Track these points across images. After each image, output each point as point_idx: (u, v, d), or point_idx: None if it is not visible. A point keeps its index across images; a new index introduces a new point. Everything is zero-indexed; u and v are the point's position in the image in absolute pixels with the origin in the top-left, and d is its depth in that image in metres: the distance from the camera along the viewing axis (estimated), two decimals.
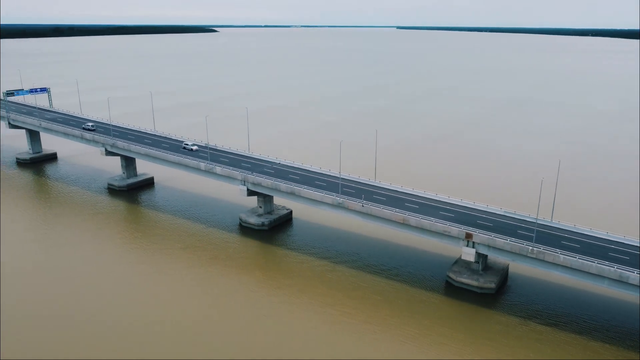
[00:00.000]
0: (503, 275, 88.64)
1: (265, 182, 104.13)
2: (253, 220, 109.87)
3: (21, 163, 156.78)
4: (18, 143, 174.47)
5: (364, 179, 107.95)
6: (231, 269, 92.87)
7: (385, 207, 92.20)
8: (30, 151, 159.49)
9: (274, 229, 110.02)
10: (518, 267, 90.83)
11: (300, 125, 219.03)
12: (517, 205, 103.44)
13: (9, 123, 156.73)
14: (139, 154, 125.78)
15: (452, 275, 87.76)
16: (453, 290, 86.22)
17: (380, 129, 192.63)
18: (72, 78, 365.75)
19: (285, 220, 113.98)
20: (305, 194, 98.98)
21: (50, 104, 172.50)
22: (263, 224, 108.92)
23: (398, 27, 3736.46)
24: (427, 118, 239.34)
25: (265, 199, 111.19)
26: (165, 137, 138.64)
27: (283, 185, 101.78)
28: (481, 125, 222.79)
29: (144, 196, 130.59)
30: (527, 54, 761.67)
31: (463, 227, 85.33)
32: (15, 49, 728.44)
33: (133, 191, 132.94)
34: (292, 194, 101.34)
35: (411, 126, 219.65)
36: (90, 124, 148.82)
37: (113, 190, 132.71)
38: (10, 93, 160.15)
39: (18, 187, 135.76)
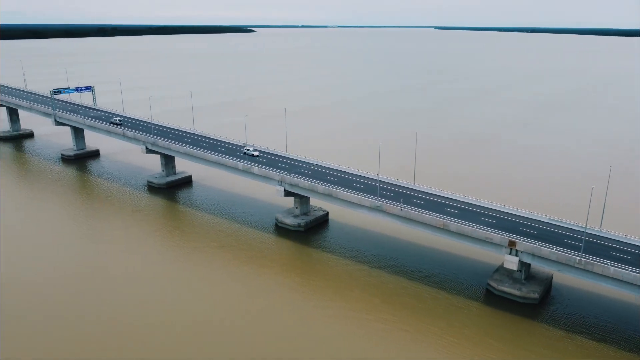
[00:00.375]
0: (547, 285, 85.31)
1: (303, 183, 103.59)
2: (289, 221, 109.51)
3: (65, 159, 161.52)
4: (63, 140, 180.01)
5: (402, 181, 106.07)
6: (267, 269, 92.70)
7: (425, 211, 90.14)
8: (75, 148, 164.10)
9: (309, 230, 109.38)
10: (563, 277, 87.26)
11: (337, 125, 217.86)
12: (563, 213, 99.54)
13: (55, 120, 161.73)
14: (178, 152, 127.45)
15: (492, 283, 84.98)
16: (493, 299, 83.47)
17: (420, 130, 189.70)
18: (116, 77, 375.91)
19: (322, 222, 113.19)
20: (342, 196, 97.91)
21: (95, 102, 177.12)
22: (299, 225, 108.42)
23: (436, 28, 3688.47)
24: (469, 119, 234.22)
25: (302, 199, 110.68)
26: (204, 137, 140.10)
27: (320, 186, 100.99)
28: (526, 128, 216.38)
29: (182, 194, 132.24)
30: (576, 55, 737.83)
31: (506, 234, 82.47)
32: (62, 48, 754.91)
33: (172, 189, 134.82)
34: (329, 196, 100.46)
35: (452, 128, 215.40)
36: (117, 118, 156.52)
37: (152, 188, 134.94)
38: (57, 91, 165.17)
39: (62, 182, 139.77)
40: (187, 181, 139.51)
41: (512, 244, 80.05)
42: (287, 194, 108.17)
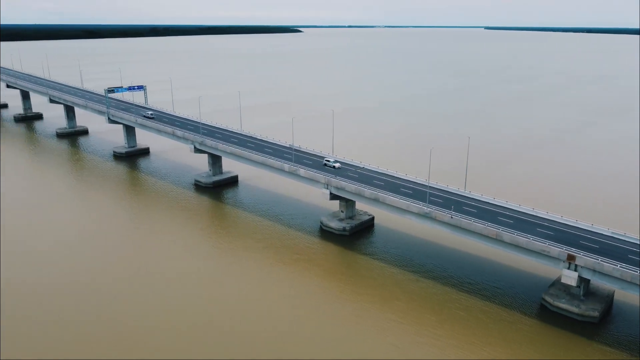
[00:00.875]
0: (608, 303, 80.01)
1: (349, 186, 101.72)
2: (334, 224, 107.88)
3: (117, 156, 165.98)
4: (116, 137, 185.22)
5: (452, 187, 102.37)
6: (312, 272, 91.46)
7: (477, 220, 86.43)
8: (126, 145, 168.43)
9: (354, 235, 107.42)
10: (626, 295, 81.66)
11: (385, 127, 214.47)
12: (627, 226, 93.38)
13: (109, 118, 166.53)
14: (225, 152, 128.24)
15: (548, 298, 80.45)
16: (549, 316, 78.97)
17: (472, 133, 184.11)
18: (167, 75, 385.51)
19: (367, 226, 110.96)
20: (390, 201, 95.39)
21: (146, 101, 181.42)
22: (344, 229, 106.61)
23: (486, 28, 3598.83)
24: (523, 123, 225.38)
25: (348, 203, 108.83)
26: (251, 137, 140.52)
27: (367, 191, 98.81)
28: (586, 133, 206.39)
29: (228, 194, 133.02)
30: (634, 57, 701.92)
31: (564, 247, 77.82)
32: (117, 48, 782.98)
33: (218, 188, 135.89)
34: (376, 201, 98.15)
35: (505, 131, 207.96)
36: (150, 112, 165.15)
37: (199, 187, 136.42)
38: (111, 90, 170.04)
39: (114, 179, 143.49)
40: (233, 181, 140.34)
41: (571, 258, 75.42)
42: (333, 197, 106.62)
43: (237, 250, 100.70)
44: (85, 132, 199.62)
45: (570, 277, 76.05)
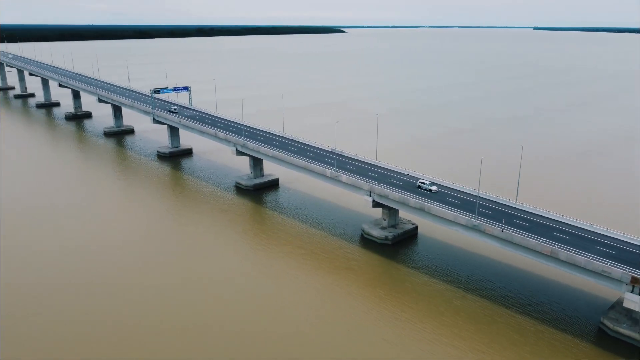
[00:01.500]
0: None
1: (393, 195, 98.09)
2: (376, 232, 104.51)
3: (161, 156, 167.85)
4: (160, 137, 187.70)
5: (503, 199, 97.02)
6: (352, 282, 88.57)
7: (529, 235, 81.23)
8: (170, 145, 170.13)
9: (397, 244, 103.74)
10: None
11: (431, 132, 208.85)
12: None
13: (154, 118, 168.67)
14: (267, 155, 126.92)
15: (607, 322, 74.59)
16: (607, 341, 73.21)
17: (524, 140, 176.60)
18: (212, 75, 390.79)
19: (410, 236, 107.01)
20: (436, 211, 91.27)
21: (190, 102, 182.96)
22: (386, 238, 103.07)
23: (535, 28, 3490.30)
24: (581, 129, 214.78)
25: (391, 211, 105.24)
26: (293, 140, 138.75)
27: (412, 200, 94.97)
28: None
29: (269, 197, 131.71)
30: None
31: (627, 268, 71.83)
32: (165, 47, 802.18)
33: (259, 191, 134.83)
34: (421, 210, 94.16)
35: (560, 138, 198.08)
36: (174, 107, 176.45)
37: (240, 189, 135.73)
38: (156, 91, 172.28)
39: (157, 179, 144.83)
40: (274, 184, 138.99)
41: (635, 281, 69.47)
42: (376, 204, 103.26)
43: (277, 256, 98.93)
44: (131, 131, 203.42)
45: (633, 302, 70.09)
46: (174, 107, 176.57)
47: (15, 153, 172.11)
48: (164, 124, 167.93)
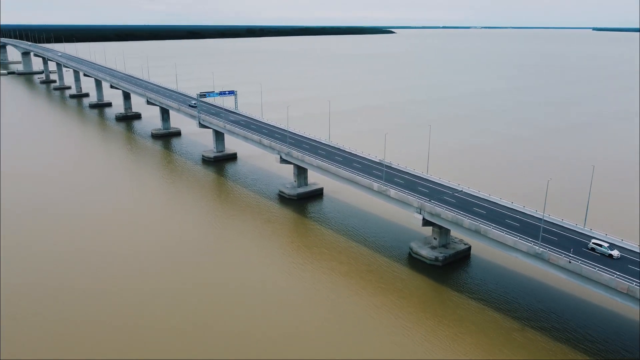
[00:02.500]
0: None
1: (446, 214, 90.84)
2: (425, 252, 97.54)
3: (206, 161, 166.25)
4: (206, 140, 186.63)
5: (569, 222, 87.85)
6: (399, 307, 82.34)
7: (602, 267, 72.34)
8: (215, 150, 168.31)
9: (448, 265, 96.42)
10: None
11: (487, 140, 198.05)
12: None
13: (199, 123, 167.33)
14: (311, 165, 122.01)
15: None
16: None
17: (595, 156, 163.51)
18: (260, 76, 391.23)
19: (463, 257, 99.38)
20: (493, 235, 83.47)
21: (236, 106, 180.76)
22: (436, 259, 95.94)
23: (594, 29, 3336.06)
24: None
25: (442, 230, 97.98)
26: (339, 149, 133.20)
27: (466, 220, 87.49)
28: None
29: (313, 207, 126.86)
30: None
31: None
32: (216, 48, 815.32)
33: (302, 201, 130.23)
34: (476, 232, 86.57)
35: (631, 154, 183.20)
36: (193, 102, 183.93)
37: (283, 198, 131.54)
38: (202, 95, 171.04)
39: (201, 185, 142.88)
40: (318, 194, 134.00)
41: None
42: (426, 223, 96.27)
43: (320, 272, 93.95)
44: (178, 133, 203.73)
45: None
46: (193, 102, 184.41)
47: (67, 153, 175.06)
48: (210, 128, 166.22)
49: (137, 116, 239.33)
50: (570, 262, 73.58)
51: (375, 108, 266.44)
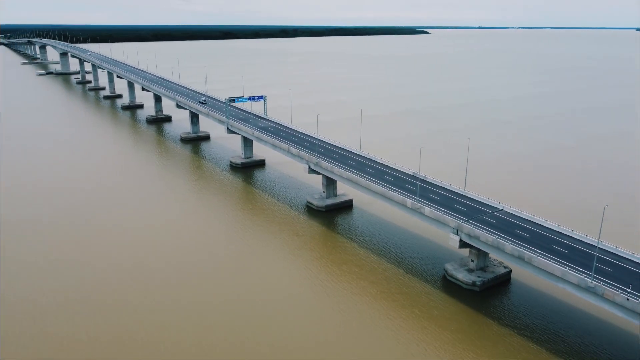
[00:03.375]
0: None
1: (485, 237, 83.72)
2: (461, 276, 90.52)
3: (234, 167, 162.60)
4: (235, 144, 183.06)
5: (625, 251, 79.40)
6: (434, 337, 76.16)
7: None
8: (243, 156, 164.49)
9: (486, 290, 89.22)
10: None
11: (530, 148, 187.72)
12: None
13: (228, 128, 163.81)
14: (341, 177, 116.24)
15: None
16: None
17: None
18: (291, 79, 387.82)
19: (503, 281, 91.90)
20: (539, 263, 75.97)
21: (265, 112, 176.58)
22: (474, 284, 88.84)
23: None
24: None
25: (480, 252, 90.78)
26: (371, 160, 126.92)
27: (509, 245, 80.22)
28: None
29: (342, 220, 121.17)
30: None
31: None
32: (251, 48, 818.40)
33: (330, 212, 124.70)
34: (519, 259, 79.20)
35: None
36: (203, 98, 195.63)
37: (311, 210, 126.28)
38: (231, 100, 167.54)
39: (229, 192, 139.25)
40: (347, 205, 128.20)
41: None
42: (463, 244, 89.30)
43: (349, 292, 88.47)
44: (207, 137, 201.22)
45: None
46: (203, 99, 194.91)
47: (98, 156, 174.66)
48: (238, 134, 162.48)
49: (168, 119, 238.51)
50: (628, 299, 65.64)
51: (410, 112, 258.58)
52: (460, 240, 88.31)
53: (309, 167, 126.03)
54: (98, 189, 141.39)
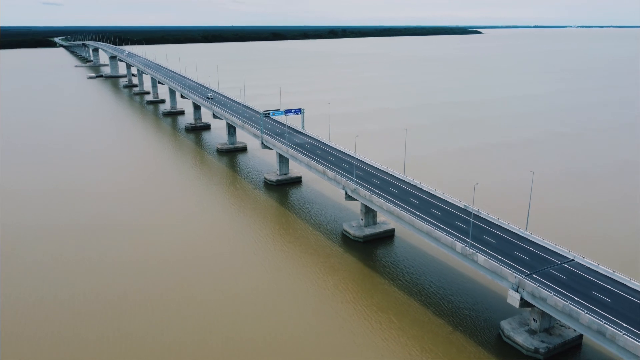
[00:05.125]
0: None
1: (554, 301, 68.41)
2: (521, 339, 75.59)
3: (268, 184, 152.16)
4: (271, 157, 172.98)
5: None
6: None
7: None
8: (278, 172, 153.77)
9: (552, 358, 73.96)
10: None
11: (604, 169, 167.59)
12: None
13: (262, 143, 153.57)
14: (381, 208, 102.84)
15: None
16: None
17: None
18: (334, 84, 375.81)
19: (572, 346, 76.26)
20: (626, 344, 60.14)
21: (302, 126, 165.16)
22: (537, 351, 73.72)
23: None
24: None
25: (546, 313, 75.47)
26: (416, 186, 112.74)
27: (583, 314, 64.75)
28: None
29: (381, 253, 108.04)
30: None
31: None
32: (299, 50, 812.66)
33: (370, 243, 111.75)
34: (599, 334, 63.63)
35: None
36: (210, 94, 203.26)
37: (348, 239, 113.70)
38: (266, 114, 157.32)
39: (262, 214, 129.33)
40: (388, 235, 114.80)
41: None
42: (525, 303, 74.32)
43: (384, 349, 75.65)
44: (244, 149, 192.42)
45: None
46: (209, 94, 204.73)
47: (135, 166, 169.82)
48: (273, 149, 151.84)
49: (207, 127, 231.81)
50: None
51: (461, 122, 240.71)
52: (522, 298, 73.38)
53: (346, 193, 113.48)
54: (133, 197, 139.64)
